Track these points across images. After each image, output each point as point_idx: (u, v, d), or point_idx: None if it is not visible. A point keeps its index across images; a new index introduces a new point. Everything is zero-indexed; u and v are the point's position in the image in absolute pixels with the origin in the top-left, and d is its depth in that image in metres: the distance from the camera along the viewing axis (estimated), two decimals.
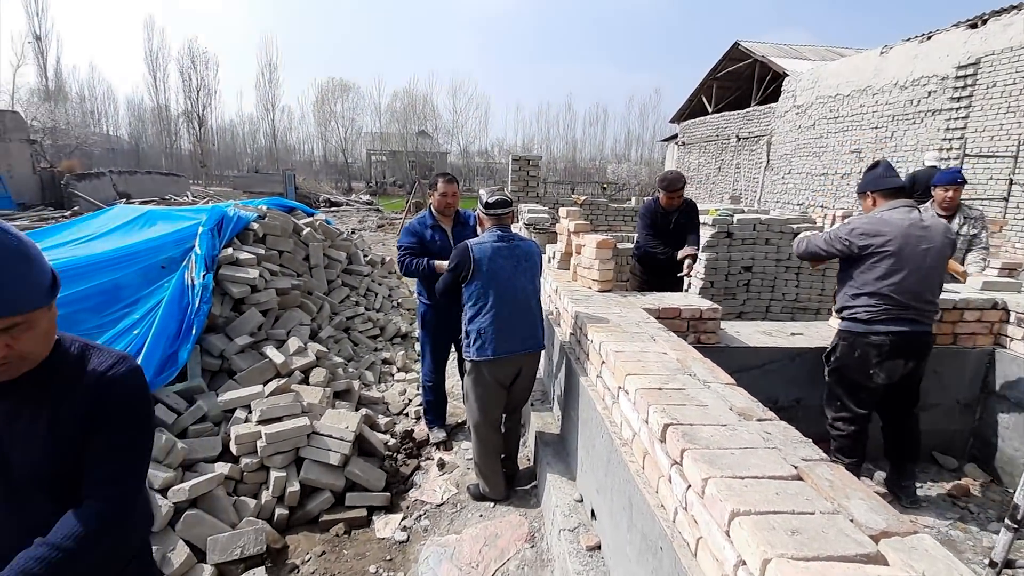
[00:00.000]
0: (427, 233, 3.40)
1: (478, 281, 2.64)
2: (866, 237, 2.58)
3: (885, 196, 2.68)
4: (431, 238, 3.39)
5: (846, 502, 1.18)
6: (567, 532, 2.20)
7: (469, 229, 3.41)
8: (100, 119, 41.31)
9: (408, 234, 3.40)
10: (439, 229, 3.42)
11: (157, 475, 2.68)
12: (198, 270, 3.78)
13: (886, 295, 2.56)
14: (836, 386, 2.81)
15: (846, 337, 2.73)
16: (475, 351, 2.67)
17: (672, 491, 1.47)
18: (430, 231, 3.40)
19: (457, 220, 3.52)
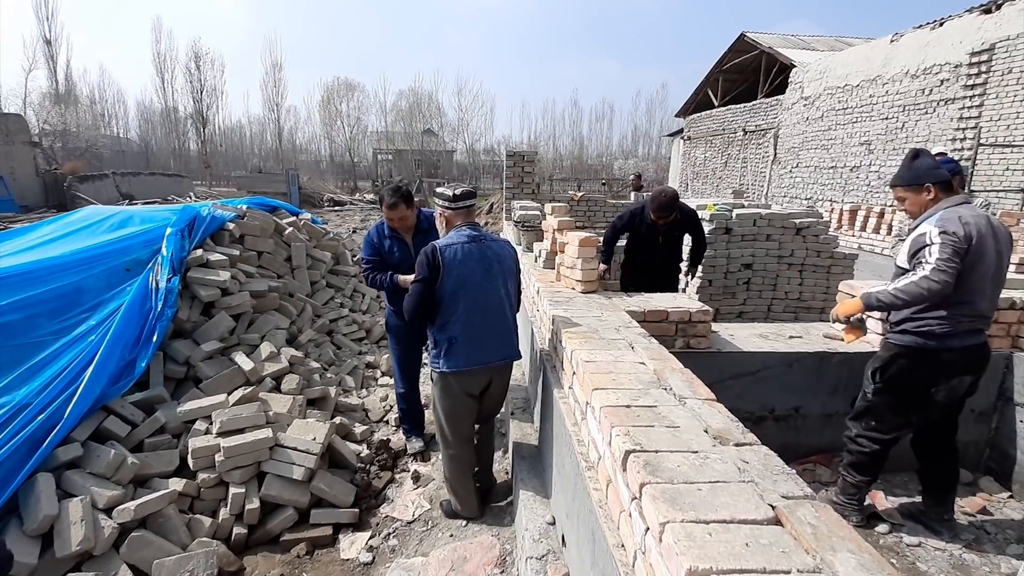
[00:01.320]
0: (385, 244, 3.13)
1: (447, 286, 2.36)
2: (967, 240, 2.15)
3: (944, 190, 2.32)
4: (389, 249, 3.11)
5: (831, 556, 0.96)
6: (535, 560, 1.99)
7: (432, 235, 2.97)
8: (110, 121, 41.60)
9: (367, 246, 3.15)
10: (397, 240, 3.13)
11: (101, 493, 2.51)
12: (164, 272, 3.61)
13: (968, 303, 2.21)
14: (882, 405, 2.42)
15: (909, 354, 2.33)
16: (443, 362, 2.41)
17: (632, 530, 1.25)
18: (388, 241, 3.13)
19: (417, 228, 3.16)
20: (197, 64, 37.69)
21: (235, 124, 48.86)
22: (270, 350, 3.69)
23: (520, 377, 3.72)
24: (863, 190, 11.61)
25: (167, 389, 3.29)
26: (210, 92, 38.88)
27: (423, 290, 2.36)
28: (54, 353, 2.97)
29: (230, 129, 46.99)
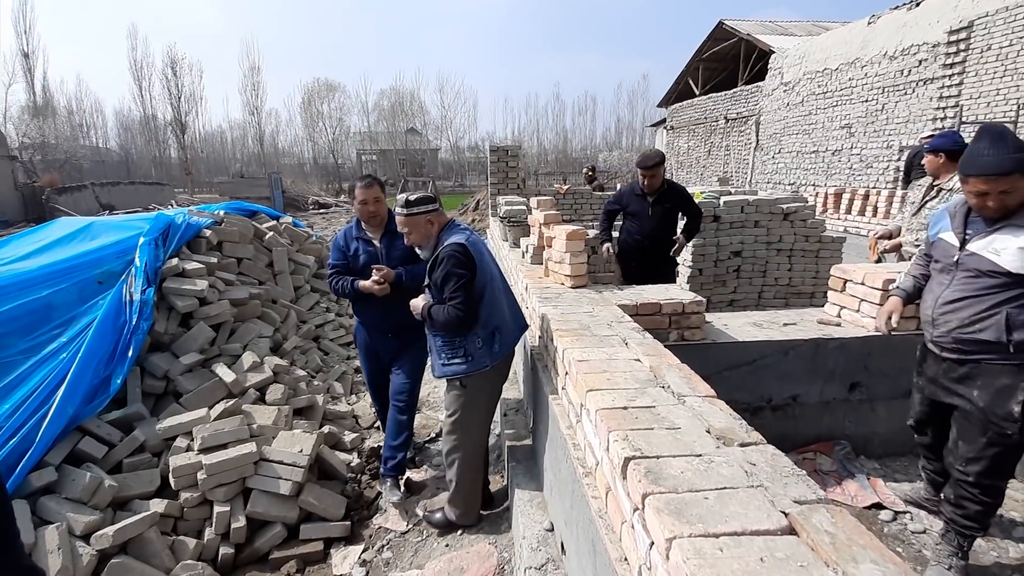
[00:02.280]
0: (351, 246, 2.90)
1: (483, 279, 2.31)
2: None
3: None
4: (354, 251, 2.88)
5: (854, 568, 0.89)
6: (534, 571, 1.91)
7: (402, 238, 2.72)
8: (89, 131, 40.85)
9: (334, 250, 2.95)
10: (364, 242, 2.89)
11: (78, 518, 2.39)
12: (138, 284, 3.47)
13: None
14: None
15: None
16: (487, 357, 2.30)
17: (635, 543, 1.18)
18: (354, 244, 2.89)
19: (389, 228, 2.88)
20: (174, 70, 37.05)
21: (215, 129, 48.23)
22: (253, 360, 3.56)
23: (512, 376, 3.63)
24: (845, 173, 11.65)
25: (145, 405, 3.16)
26: (188, 98, 38.28)
27: (467, 291, 2.22)
28: (25, 373, 2.84)
29: (211, 135, 46.34)
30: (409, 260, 2.80)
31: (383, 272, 2.71)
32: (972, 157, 1.82)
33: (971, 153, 1.83)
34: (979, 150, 1.81)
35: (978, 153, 1.80)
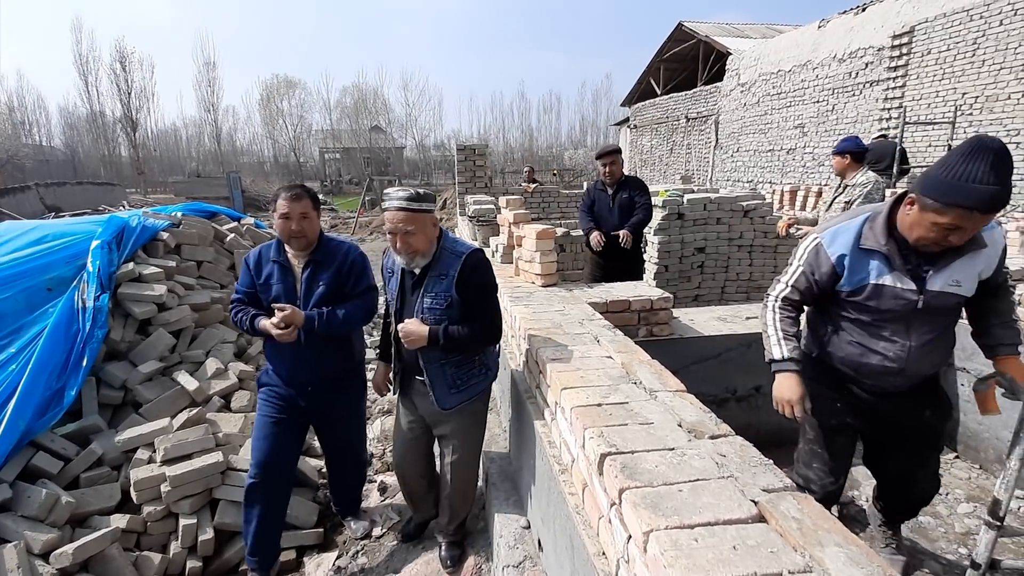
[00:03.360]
0: (264, 270, 2.28)
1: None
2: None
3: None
4: (266, 278, 2.26)
5: (819, 551, 0.94)
6: (512, 569, 1.93)
7: (331, 270, 2.28)
8: (32, 129, 38.55)
9: (243, 270, 2.34)
10: (281, 267, 2.26)
11: (36, 537, 2.27)
12: (91, 290, 3.31)
13: None
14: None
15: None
16: (496, 361, 2.25)
17: (613, 538, 1.21)
18: (268, 267, 2.27)
19: (315, 255, 2.28)
20: (123, 65, 35.35)
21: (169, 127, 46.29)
22: (216, 366, 3.45)
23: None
24: (799, 171, 12.11)
25: (103, 417, 3.02)
26: (139, 94, 36.59)
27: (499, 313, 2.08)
28: None
29: (164, 132, 44.49)
30: (333, 298, 2.26)
31: (286, 313, 2.09)
32: (966, 182, 1.39)
33: (964, 176, 1.39)
34: (976, 174, 1.38)
35: (974, 177, 1.38)
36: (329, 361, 2.36)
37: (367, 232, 16.34)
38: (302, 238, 2.24)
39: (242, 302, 2.30)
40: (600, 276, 3.99)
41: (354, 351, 2.50)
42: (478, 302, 1.96)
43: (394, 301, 2.07)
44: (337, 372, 2.41)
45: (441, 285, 1.94)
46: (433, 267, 1.96)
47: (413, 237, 1.88)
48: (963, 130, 8.00)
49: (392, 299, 2.09)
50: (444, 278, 1.95)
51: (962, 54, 7.91)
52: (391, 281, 2.10)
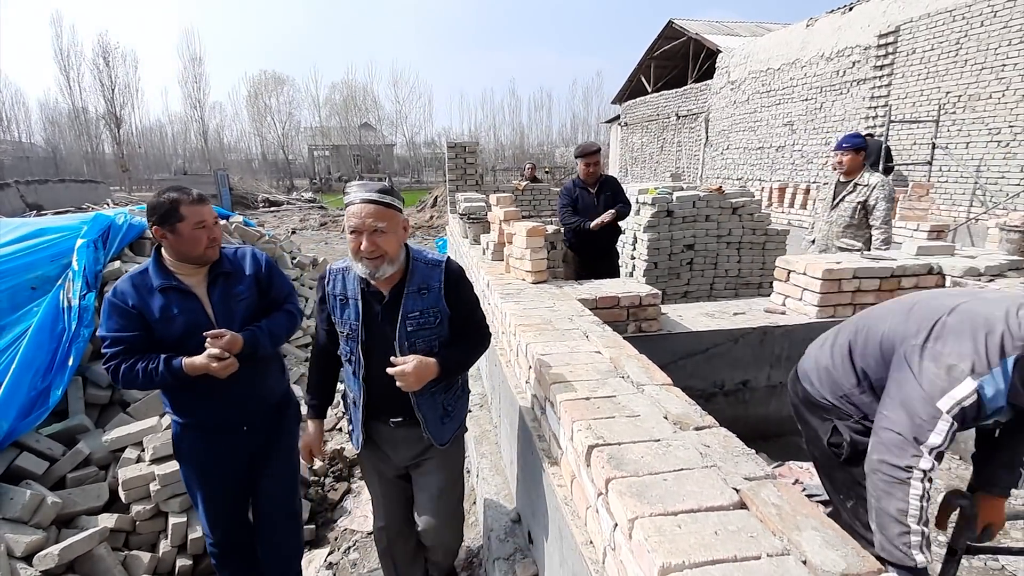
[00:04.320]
0: (153, 303, 1.78)
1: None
2: None
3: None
4: (161, 312, 1.78)
5: (797, 535, 0.97)
6: (502, 561, 1.95)
7: (245, 281, 1.93)
8: (10, 125, 37.79)
9: (113, 313, 1.77)
10: (179, 294, 1.81)
11: (18, 539, 2.25)
12: (77, 289, 3.28)
13: None
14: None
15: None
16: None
17: (600, 526, 1.23)
18: (160, 299, 1.79)
19: (219, 268, 1.89)
20: (106, 59, 34.87)
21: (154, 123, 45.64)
22: None
23: (476, 372, 3.66)
24: (788, 168, 12.23)
25: (90, 417, 3.00)
26: (123, 90, 36.11)
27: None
28: None
29: (149, 129, 43.87)
30: (258, 313, 1.95)
31: (225, 340, 1.73)
32: None
33: None
34: None
35: None
36: (265, 389, 2.00)
37: None
38: (216, 246, 1.87)
39: (128, 351, 1.75)
40: (581, 274, 4.02)
41: (285, 370, 2.19)
42: (470, 313, 1.75)
43: (354, 333, 1.66)
44: (274, 400, 2.06)
45: (426, 301, 1.66)
46: (409, 281, 1.65)
47: (383, 237, 1.54)
48: (947, 128, 8.12)
49: (350, 330, 1.67)
50: (427, 292, 1.66)
51: (945, 54, 8.03)
52: (345, 310, 1.67)
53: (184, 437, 1.96)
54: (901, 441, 1.33)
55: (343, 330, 1.70)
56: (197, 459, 1.97)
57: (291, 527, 2.19)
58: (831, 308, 3.05)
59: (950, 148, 8.08)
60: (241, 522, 2.13)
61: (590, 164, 3.97)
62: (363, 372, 1.68)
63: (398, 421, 1.74)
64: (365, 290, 1.65)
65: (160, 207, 1.77)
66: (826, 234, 3.97)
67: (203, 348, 1.74)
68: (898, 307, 1.56)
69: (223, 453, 1.97)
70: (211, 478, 1.99)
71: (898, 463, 1.32)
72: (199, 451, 1.96)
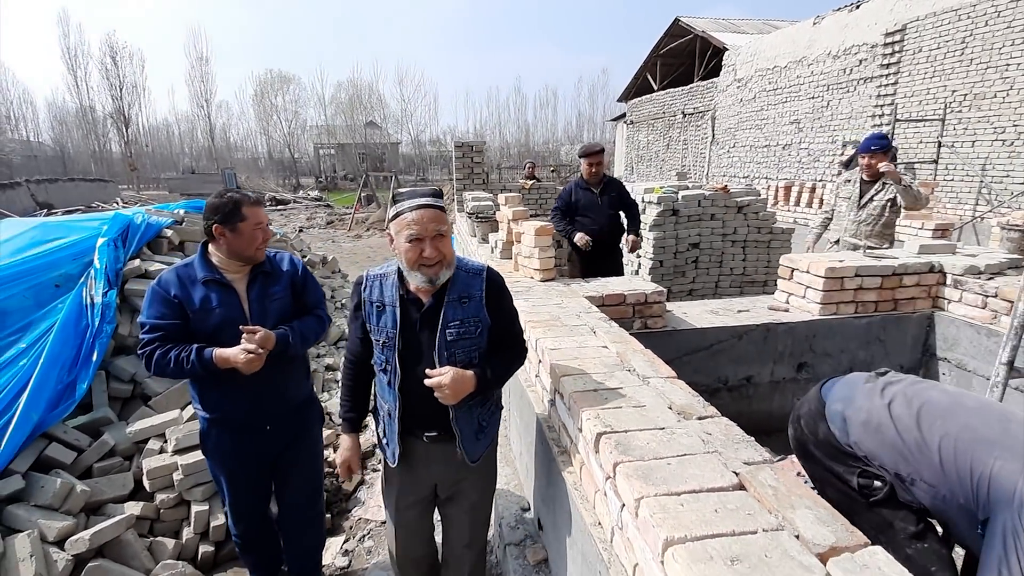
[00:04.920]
0: (195, 294, 1.89)
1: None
2: None
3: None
4: (201, 304, 1.88)
5: (791, 513, 1.05)
6: (513, 547, 2.04)
7: (282, 282, 2.05)
8: (18, 124, 38.23)
9: (156, 301, 1.88)
10: (220, 288, 1.92)
11: (51, 525, 2.36)
12: (99, 287, 3.39)
13: None
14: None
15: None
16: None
17: (608, 508, 1.31)
18: (202, 291, 1.90)
19: (260, 267, 2.00)
20: (114, 59, 35.16)
21: (161, 122, 46.03)
22: None
23: None
24: (795, 167, 12.24)
25: (113, 409, 3.11)
26: (131, 89, 36.40)
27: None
28: None
29: (156, 128, 44.24)
30: (291, 314, 2.04)
31: (259, 336, 1.81)
32: None
33: None
34: None
35: None
36: (290, 390, 2.07)
37: (364, 228, 16.39)
38: (264, 245, 1.98)
39: (164, 339, 1.84)
40: (586, 272, 4.08)
41: (309, 373, 2.27)
42: (510, 324, 1.72)
43: (390, 341, 1.61)
44: (298, 401, 2.13)
45: (467, 310, 1.60)
46: (450, 289, 1.60)
47: (443, 242, 1.52)
48: (952, 127, 8.13)
49: (387, 338, 1.62)
50: (468, 301, 1.61)
51: (951, 52, 8.03)
52: (382, 317, 1.63)
53: (210, 433, 2.04)
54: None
55: (379, 338, 1.64)
56: (222, 456, 2.06)
57: (313, 522, 2.30)
58: (833, 306, 3.12)
59: (956, 147, 8.09)
60: (263, 516, 2.24)
61: (593, 164, 4.02)
62: (399, 382, 1.62)
63: (432, 436, 1.67)
64: (404, 297, 1.61)
65: (223, 207, 1.87)
66: (854, 232, 4.09)
67: (235, 343, 1.82)
68: (1013, 438, 1.31)
69: (247, 451, 2.05)
70: (235, 475, 2.08)
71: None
72: (224, 448, 2.04)
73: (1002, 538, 1.21)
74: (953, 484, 1.34)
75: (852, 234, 4.08)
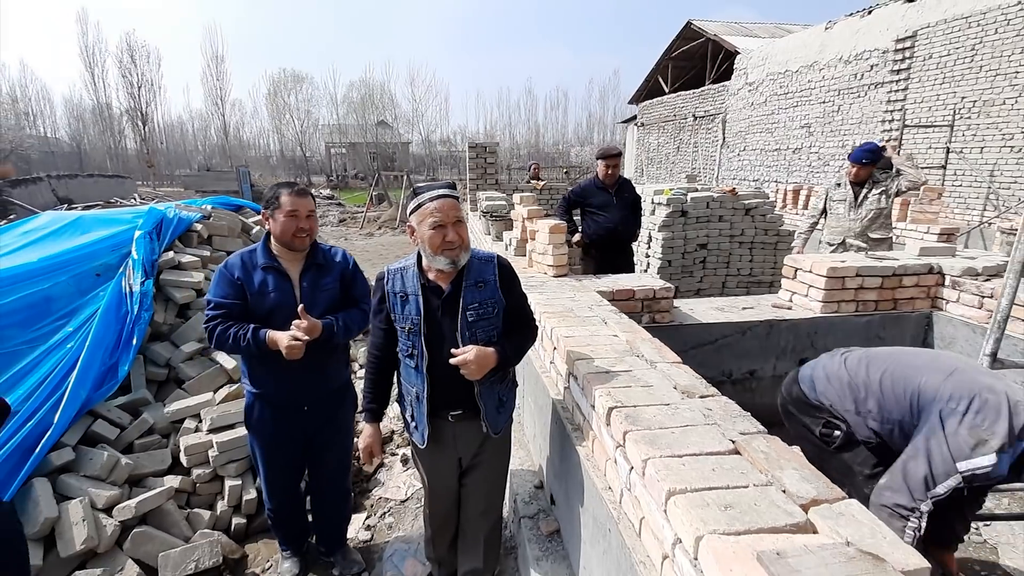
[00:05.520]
0: (254, 278, 2.08)
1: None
2: None
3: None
4: (259, 286, 2.07)
5: (780, 473, 1.20)
6: (527, 519, 2.20)
7: (333, 275, 2.21)
8: (36, 120, 38.97)
9: (221, 283, 2.08)
10: (276, 273, 2.09)
11: (100, 494, 2.56)
12: (137, 276, 3.59)
13: None
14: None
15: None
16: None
17: (618, 473, 1.47)
18: (260, 275, 2.08)
19: (314, 259, 2.17)
20: (132, 58, 35.73)
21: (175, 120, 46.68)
22: None
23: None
24: (805, 171, 12.30)
25: (149, 391, 3.31)
26: (147, 87, 36.97)
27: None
28: (34, 361, 2.96)
29: (170, 126, 44.88)
30: (338, 305, 2.20)
31: (306, 325, 1.95)
32: None
33: None
34: None
35: None
36: (329, 375, 2.23)
37: (375, 227, 16.62)
38: (307, 237, 2.10)
39: (226, 316, 2.03)
40: (602, 269, 4.24)
41: (348, 362, 2.43)
42: (522, 305, 1.90)
43: (415, 327, 1.77)
44: (335, 386, 2.29)
45: (483, 293, 1.77)
46: (467, 275, 1.76)
47: (462, 228, 1.72)
48: (961, 133, 8.19)
49: (412, 325, 1.78)
50: (484, 285, 1.78)
51: (961, 59, 8.09)
52: (406, 306, 1.78)
53: (254, 407, 2.22)
54: (914, 486, 1.60)
55: (404, 325, 1.79)
56: (263, 430, 2.24)
57: (343, 497, 2.52)
58: (835, 304, 3.25)
59: (964, 153, 8.15)
60: (295, 492, 2.46)
61: (610, 166, 4.18)
62: (426, 364, 1.77)
63: (457, 414, 1.84)
64: (425, 286, 1.77)
65: (268, 194, 2.11)
66: (857, 233, 4.32)
67: (286, 325, 1.99)
68: (936, 364, 1.76)
69: (285, 429, 2.22)
70: (272, 450, 2.26)
71: (905, 504, 1.61)
72: (265, 422, 2.22)
73: (925, 432, 1.63)
74: (892, 406, 1.75)
75: (857, 234, 4.28)
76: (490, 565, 2.11)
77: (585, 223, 4.41)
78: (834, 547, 0.94)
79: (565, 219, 4.31)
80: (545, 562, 1.95)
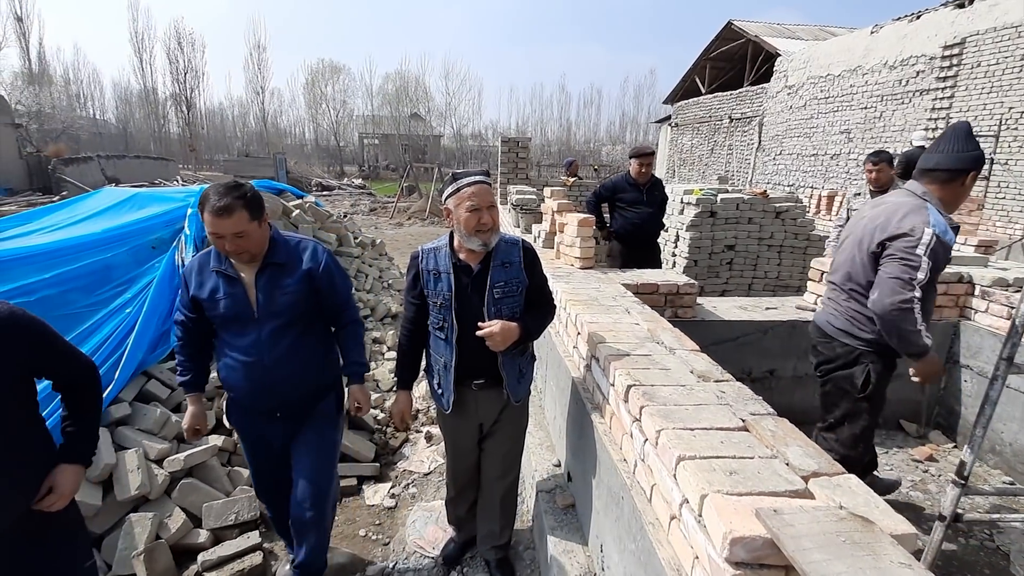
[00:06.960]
0: (207, 284, 1.90)
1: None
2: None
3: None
4: (209, 294, 1.89)
5: (785, 449, 1.30)
6: (544, 494, 2.33)
7: (295, 276, 1.93)
8: (86, 102, 40.72)
9: (183, 289, 1.97)
10: (226, 279, 1.89)
11: (152, 446, 2.78)
12: (188, 251, 3.84)
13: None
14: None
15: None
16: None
17: (633, 445, 1.58)
18: (212, 280, 1.90)
19: (267, 260, 1.90)
20: (179, 44, 36.99)
21: (216, 107, 48.13)
22: None
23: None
24: (842, 177, 12.04)
25: None
26: (192, 73, 38.23)
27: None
28: (96, 323, 3.22)
29: (211, 112, 46.29)
30: (302, 308, 1.96)
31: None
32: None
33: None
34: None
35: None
36: (300, 380, 2.00)
37: (405, 216, 16.92)
38: (243, 253, 1.83)
39: (185, 329, 1.98)
40: (629, 263, 4.32)
41: (336, 362, 2.18)
42: (543, 284, 2.05)
43: (447, 302, 1.92)
44: (312, 390, 2.06)
45: (509, 273, 1.93)
46: (495, 256, 1.92)
47: (494, 212, 1.88)
48: (1007, 144, 7.94)
49: (443, 300, 1.92)
50: (510, 265, 1.94)
51: (1010, 69, 7.84)
52: (438, 283, 1.93)
53: (232, 409, 2.13)
54: (903, 283, 2.02)
55: (436, 300, 1.94)
56: (242, 432, 2.16)
57: (313, 526, 2.06)
58: None
59: (1010, 164, 7.90)
60: (284, 494, 2.17)
61: (644, 165, 4.26)
62: (455, 336, 1.93)
63: (480, 383, 2.01)
64: (456, 264, 1.93)
65: (200, 201, 1.81)
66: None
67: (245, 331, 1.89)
68: (874, 214, 2.24)
69: (261, 433, 2.08)
70: (253, 452, 2.16)
71: (905, 298, 2.01)
72: (243, 425, 2.13)
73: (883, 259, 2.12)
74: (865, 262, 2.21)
75: None
76: (506, 528, 2.29)
77: (614, 218, 4.50)
78: (828, 509, 1.04)
79: (593, 209, 4.44)
80: (560, 531, 2.08)
